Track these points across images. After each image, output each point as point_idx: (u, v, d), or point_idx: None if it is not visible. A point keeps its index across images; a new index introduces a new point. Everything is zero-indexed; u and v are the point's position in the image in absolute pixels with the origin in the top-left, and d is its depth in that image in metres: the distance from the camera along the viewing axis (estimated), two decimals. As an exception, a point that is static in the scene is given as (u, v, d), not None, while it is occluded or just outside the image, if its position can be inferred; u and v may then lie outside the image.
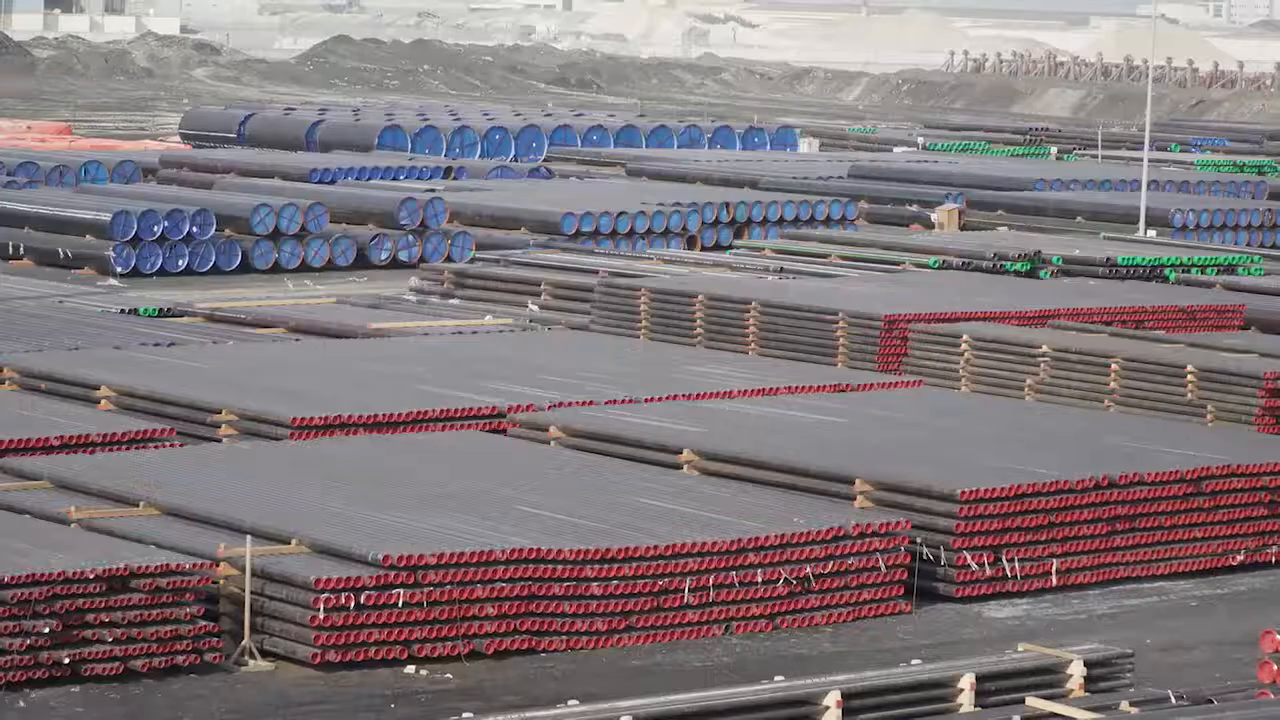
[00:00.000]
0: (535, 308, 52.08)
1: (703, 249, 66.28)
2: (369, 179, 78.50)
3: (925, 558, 29.40)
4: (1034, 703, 21.81)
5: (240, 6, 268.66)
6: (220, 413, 34.65)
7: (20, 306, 47.46)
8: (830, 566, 28.34)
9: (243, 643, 25.58)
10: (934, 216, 74.86)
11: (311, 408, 34.52)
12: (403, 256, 63.49)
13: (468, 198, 71.60)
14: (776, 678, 22.45)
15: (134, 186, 74.77)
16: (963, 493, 29.87)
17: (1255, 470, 32.56)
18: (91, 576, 24.94)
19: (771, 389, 38.22)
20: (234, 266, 61.57)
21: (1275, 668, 23.10)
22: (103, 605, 24.89)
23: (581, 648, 26.55)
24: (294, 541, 26.60)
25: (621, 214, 67.80)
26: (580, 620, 26.71)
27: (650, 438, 33.25)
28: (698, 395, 37.29)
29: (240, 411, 34.60)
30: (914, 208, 76.99)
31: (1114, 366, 42.46)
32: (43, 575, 24.76)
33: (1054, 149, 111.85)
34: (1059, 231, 68.77)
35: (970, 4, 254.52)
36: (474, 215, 68.39)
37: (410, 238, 64.52)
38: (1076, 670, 22.65)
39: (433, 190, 71.46)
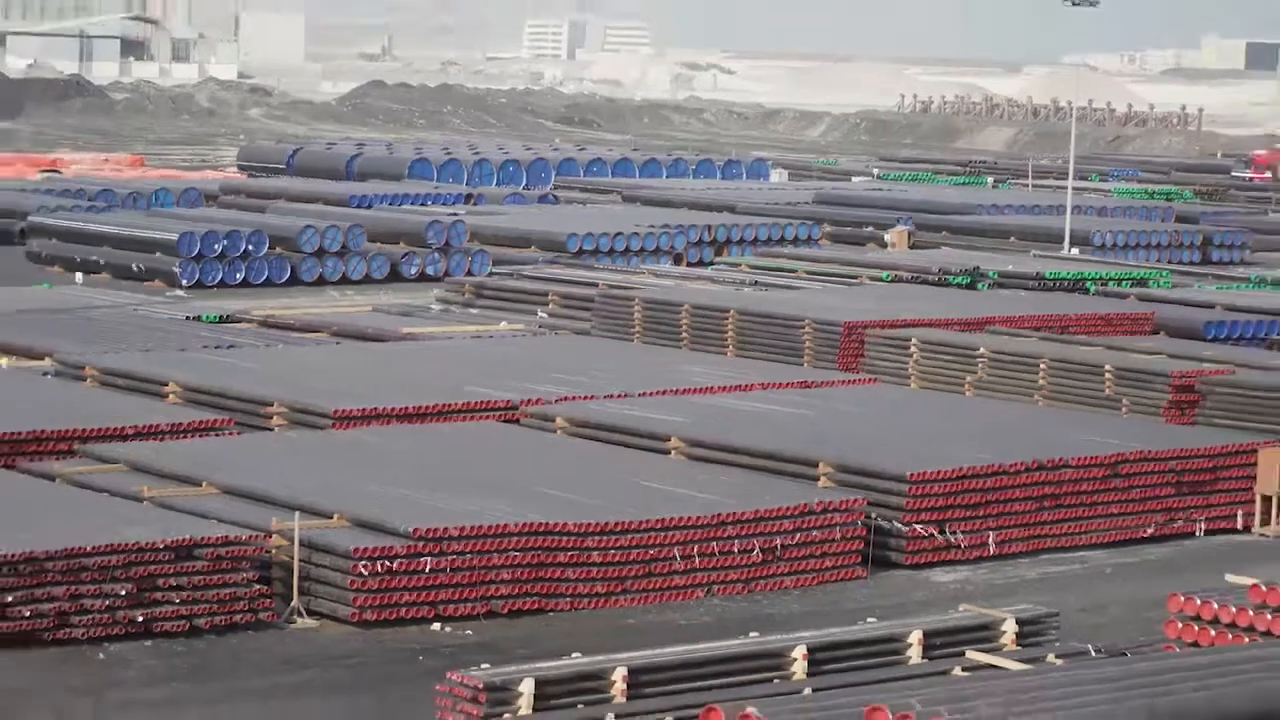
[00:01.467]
0: (544, 315, 52.08)
1: (688, 264, 66.26)
2: (400, 204, 78.57)
3: (882, 530, 29.51)
4: (973, 655, 21.81)
5: (289, 55, 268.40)
6: (271, 405, 34.66)
7: (99, 314, 47.44)
8: (797, 538, 28.41)
9: (291, 604, 25.61)
10: (887, 237, 74.87)
11: (350, 401, 34.52)
12: (430, 271, 63.49)
13: (485, 220, 71.70)
14: (751, 634, 22.45)
15: (197, 210, 74.80)
16: (912, 474, 29.95)
17: (1163, 455, 32.66)
18: (161, 546, 24.97)
19: (747, 385, 38.15)
20: (284, 279, 61.59)
21: (1180, 625, 23.15)
22: (171, 571, 24.92)
23: (583, 608, 26.59)
24: (335, 516, 26.63)
25: (618, 234, 67.90)
26: (582, 584, 26.76)
27: (643, 427, 33.26)
28: (684, 391, 37.26)
29: (289, 404, 34.62)
30: (870, 229, 77.02)
31: (1042, 366, 42.45)
32: (119, 545, 24.79)
33: (990, 179, 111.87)
34: (995, 250, 68.77)
35: (918, 54, 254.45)
36: (491, 235, 68.39)
37: (436, 255, 64.52)
38: (1010, 627, 22.65)
39: (455, 214, 71.67)
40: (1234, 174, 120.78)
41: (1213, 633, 22.87)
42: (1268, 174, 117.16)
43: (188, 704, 22.66)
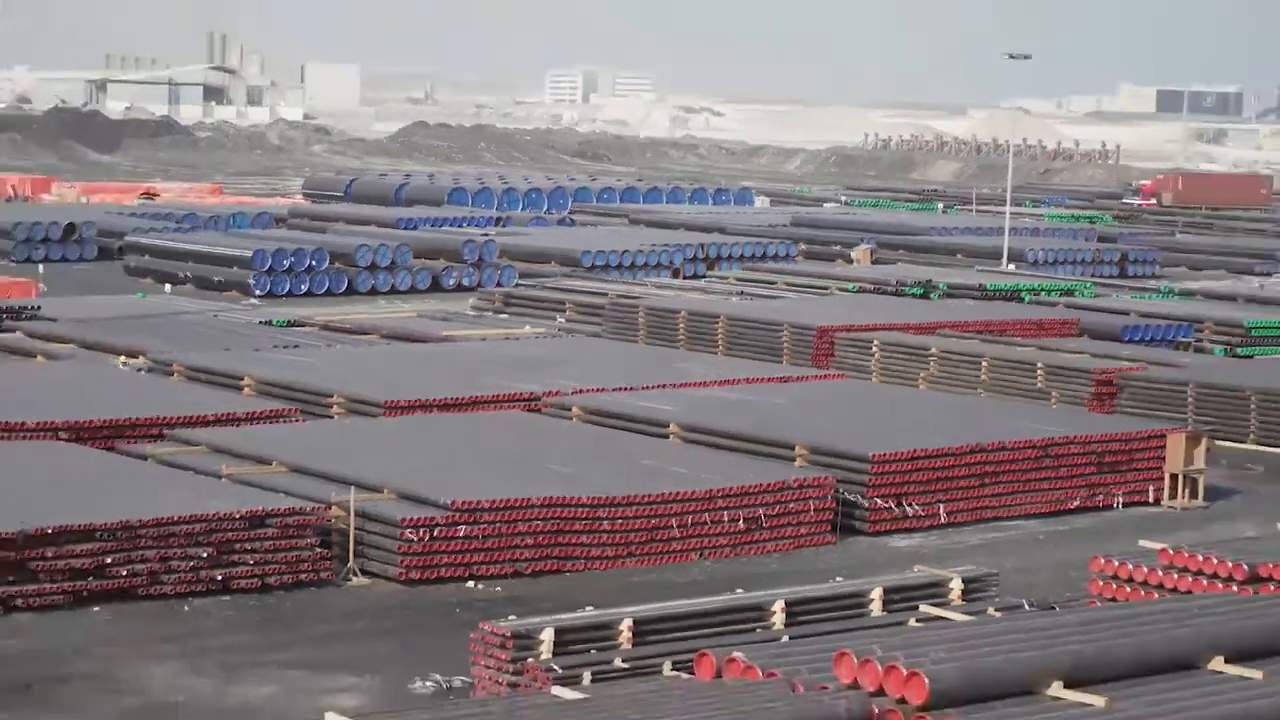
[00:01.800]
0: (562, 320, 52.09)
1: (684, 277, 66.20)
2: (440, 226, 78.59)
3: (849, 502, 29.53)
4: (926, 609, 21.81)
5: (346, 99, 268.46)
6: (331, 396, 34.70)
7: (185, 319, 47.45)
8: (776, 509, 28.43)
9: (348, 565, 25.66)
10: (853, 254, 74.88)
11: (398, 393, 34.52)
12: (465, 282, 63.46)
13: (512, 239, 71.69)
14: (737, 590, 22.48)
15: (268, 231, 74.84)
16: (873, 455, 29.96)
17: (1086, 439, 32.69)
18: (237, 516, 25.01)
19: (734, 380, 38.17)
20: (341, 290, 61.64)
21: (1101, 583, 23.17)
22: (246, 537, 24.96)
23: (595, 569, 26.62)
24: (385, 490, 26.66)
25: (625, 251, 67.91)
26: (594, 549, 26.78)
27: (645, 415, 33.27)
28: (680, 384, 37.24)
29: (346, 396, 34.65)
30: (838, 248, 77.06)
31: (984, 363, 42.49)
32: (202, 515, 24.83)
33: (940, 205, 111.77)
34: (944, 265, 68.82)
35: (879, 99, 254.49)
36: (517, 252, 68.36)
37: (471, 269, 64.54)
38: (956, 585, 22.65)
39: (487, 234, 71.68)
40: (1124, 200, 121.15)
41: (1128, 590, 22.92)
42: (1152, 200, 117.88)
43: (260, 649, 22.69)
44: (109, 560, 24.03)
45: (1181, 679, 18.00)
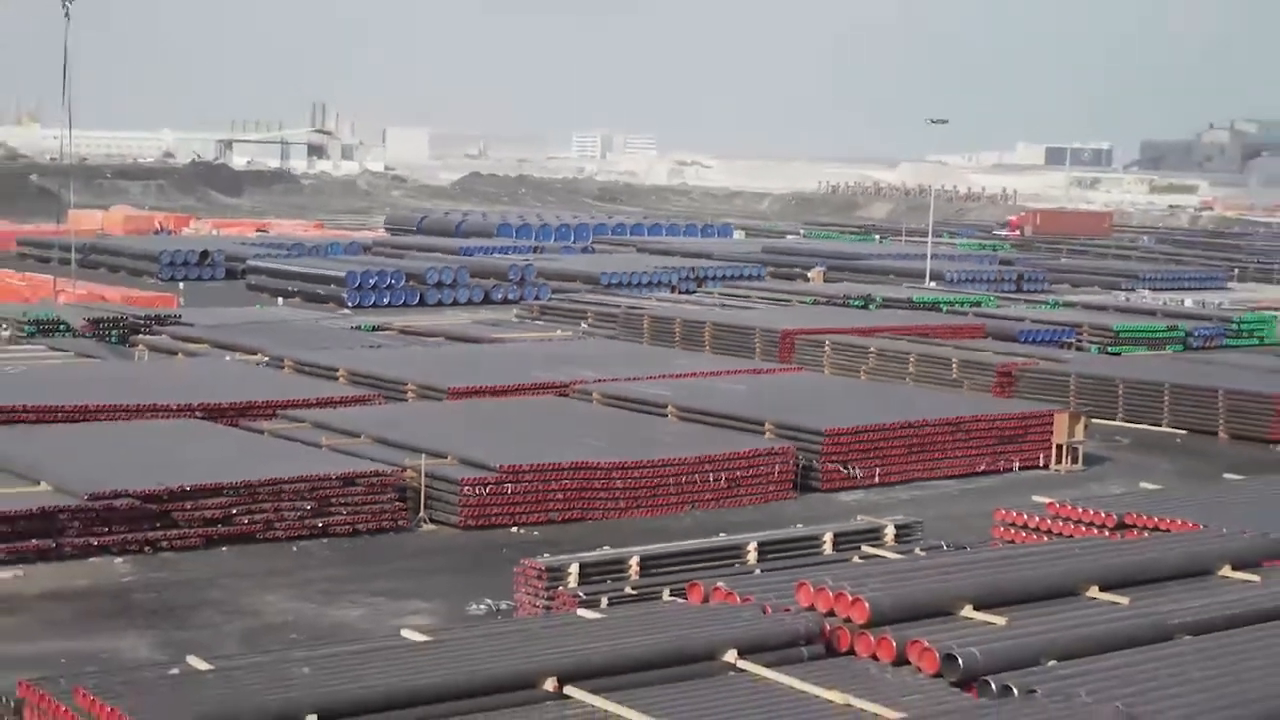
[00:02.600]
0: (585, 326, 52.15)
1: (679, 293, 66.32)
2: (491, 253, 78.82)
3: (807, 467, 29.52)
4: (866, 549, 21.83)
5: (418, 155, 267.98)
6: (406, 384, 34.75)
7: (293, 325, 47.58)
8: (750, 472, 28.47)
9: (419, 514, 25.69)
10: (809, 274, 75.04)
11: (459, 381, 34.62)
12: (510, 297, 63.59)
13: (547, 263, 71.95)
14: (720, 534, 22.49)
15: (358, 256, 75.17)
16: (826, 430, 30.01)
17: (991, 418, 32.75)
18: (334, 477, 25.08)
19: (718, 372, 38.24)
20: (415, 302, 61.72)
21: (1002, 529, 23.16)
22: (340, 493, 25.02)
23: (610, 518, 26.66)
24: (449, 457, 26.69)
25: (633, 273, 68.31)
26: (609, 502, 26.85)
27: (650, 398, 33.31)
28: (677, 375, 37.32)
29: (418, 383, 34.71)
30: (798, 270, 77.19)
31: (911, 359, 42.51)
32: (306, 476, 24.90)
33: (877, 236, 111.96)
34: (880, 283, 68.88)
35: (830, 155, 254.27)
36: (550, 273, 68.55)
37: (514, 286, 64.72)
38: (890, 531, 22.68)
39: (527, 259, 72.01)
40: (995, 231, 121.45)
41: (1024, 534, 22.91)
42: (1016, 232, 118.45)
43: (352, 580, 22.73)
44: (234, 511, 24.10)
45: (1064, 603, 17.99)
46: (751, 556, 21.19)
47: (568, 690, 14.95)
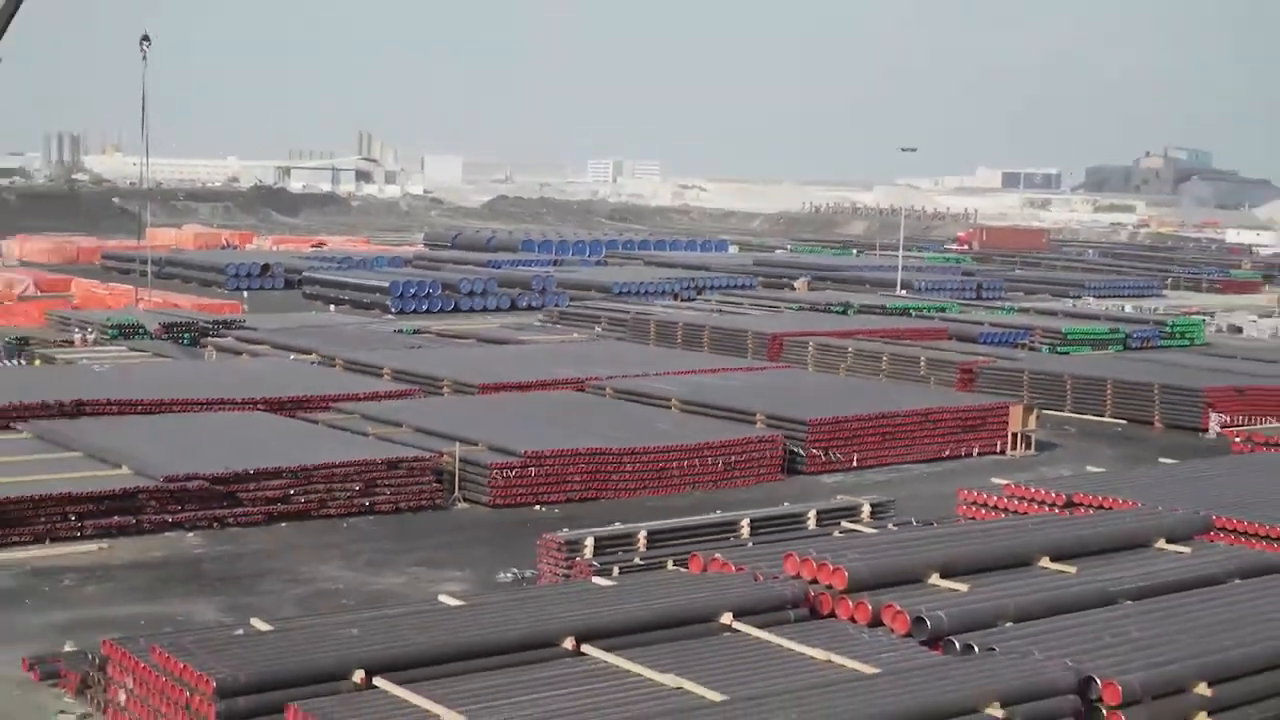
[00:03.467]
0: (598, 329, 52.13)
1: (682, 300, 66.34)
2: (517, 266, 78.72)
3: (794, 453, 29.48)
4: (846, 525, 21.80)
5: (453, 179, 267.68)
6: (443, 381, 34.75)
7: (344, 328, 47.57)
8: (744, 456, 28.42)
9: (454, 494, 25.68)
10: (795, 284, 74.94)
11: (489, 377, 34.59)
12: (533, 304, 63.47)
13: (566, 275, 71.88)
14: (716, 511, 22.47)
15: (400, 269, 75.04)
16: (810, 420, 29.96)
17: (954, 409, 32.71)
18: (379, 461, 25.05)
19: (716, 369, 38.20)
20: (450, 309, 61.66)
21: (965, 507, 23.13)
22: (385, 476, 24.99)
23: (621, 497, 26.60)
24: (480, 444, 26.67)
25: (642, 283, 68.22)
26: (621, 483, 26.80)
27: (656, 392, 33.28)
28: (679, 372, 37.31)
29: (452, 379, 34.70)
30: (786, 280, 77.11)
31: (884, 358, 42.47)
32: (355, 460, 24.88)
33: (855, 251, 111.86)
34: (857, 291, 68.88)
35: (814, 179, 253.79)
36: (568, 284, 68.52)
37: (537, 295, 64.58)
38: (866, 509, 22.66)
39: (548, 271, 71.78)
40: (946, 246, 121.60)
41: (983, 511, 22.89)
42: (965, 246, 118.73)
43: (396, 551, 22.71)
44: (292, 492, 24.09)
45: (1019, 572, 17.96)
46: (745, 531, 21.18)
47: (584, 648, 14.96)
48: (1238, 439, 30.87)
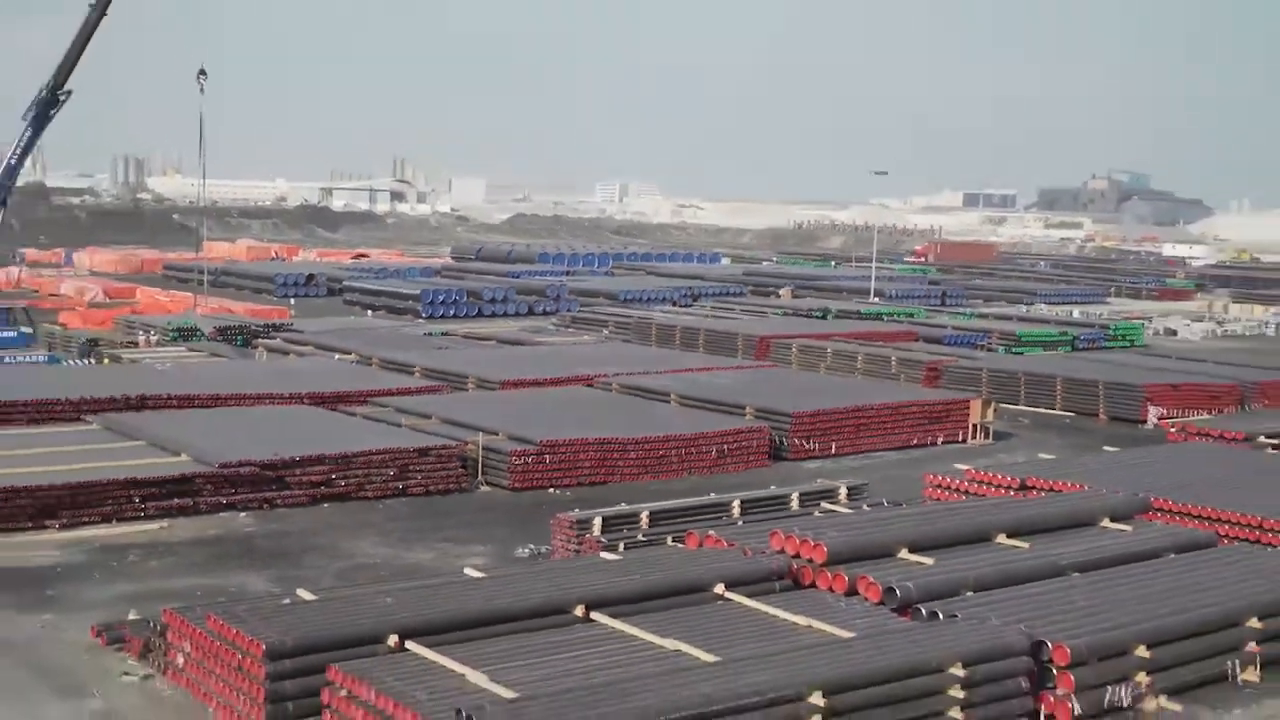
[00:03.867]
0: (606, 332, 52.04)
1: (680, 306, 66.22)
2: (533, 276, 78.51)
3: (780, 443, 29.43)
4: (826, 506, 21.79)
5: (476, 199, 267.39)
6: (468, 378, 34.70)
7: (380, 331, 47.55)
8: (736, 444, 28.37)
9: (478, 479, 25.64)
10: (781, 293, 74.81)
11: (509, 374, 34.51)
12: (548, 310, 63.34)
13: (577, 283, 71.79)
14: (711, 494, 22.44)
15: (430, 278, 74.94)
16: (793, 412, 29.90)
17: (921, 403, 32.63)
18: (411, 449, 25.02)
19: (710, 368, 38.13)
20: (475, 314, 61.47)
21: (931, 490, 23.11)
22: (416, 462, 24.97)
23: (626, 481, 26.54)
24: (500, 434, 26.63)
25: (644, 291, 68.17)
26: (626, 469, 26.75)
27: (657, 388, 33.21)
28: (678, 370, 37.24)
29: (477, 376, 34.63)
30: (772, 289, 77.00)
31: (859, 358, 42.39)
32: (390, 449, 24.85)
33: (833, 262, 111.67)
34: (835, 298, 68.74)
35: (798, 198, 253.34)
36: (579, 291, 68.40)
37: (552, 301, 64.45)
38: (843, 492, 22.64)
39: (561, 280, 71.68)
40: (904, 258, 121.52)
41: (947, 494, 22.87)
42: (922, 259, 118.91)
43: (426, 529, 22.68)
44: (333, 476, 24.07)
45: (980, 548, 17.97)
46: (736, 511, 21.17)
47: (593, 615, 14.97)
48: (1173, 429, 30.86)
